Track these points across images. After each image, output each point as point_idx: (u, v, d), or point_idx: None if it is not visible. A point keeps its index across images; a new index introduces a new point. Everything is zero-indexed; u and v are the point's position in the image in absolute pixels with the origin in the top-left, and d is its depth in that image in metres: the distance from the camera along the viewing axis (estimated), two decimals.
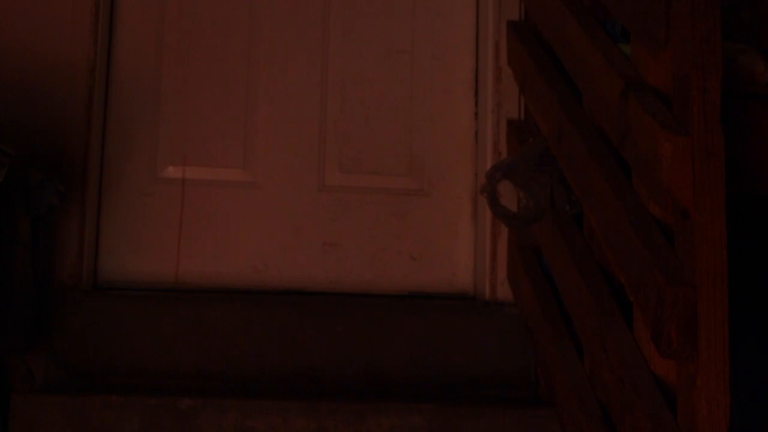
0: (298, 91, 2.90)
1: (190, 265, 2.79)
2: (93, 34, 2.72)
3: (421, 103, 2.92)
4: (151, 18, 2.90)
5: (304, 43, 2.92)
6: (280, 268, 2.83)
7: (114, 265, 2.77)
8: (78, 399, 2.34)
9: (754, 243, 2.34)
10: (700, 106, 1.71)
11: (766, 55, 2.20)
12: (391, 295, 2.79)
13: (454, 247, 2.85)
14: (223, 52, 2.90)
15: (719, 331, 1.64)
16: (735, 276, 1.69)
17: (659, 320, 1.67)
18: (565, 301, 2.23)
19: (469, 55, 2.92)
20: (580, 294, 2.12)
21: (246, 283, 2.79)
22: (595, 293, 2.04)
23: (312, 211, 2.85)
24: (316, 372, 2.58)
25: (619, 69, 1.97)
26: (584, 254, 2.17)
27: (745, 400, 2.24)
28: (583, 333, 2.10)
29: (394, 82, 2.92)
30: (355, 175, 2.88)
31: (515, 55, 2.73)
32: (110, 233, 2.78)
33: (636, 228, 1.82)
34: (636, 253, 1.79)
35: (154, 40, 2.90)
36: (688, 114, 1.73)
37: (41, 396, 2.40)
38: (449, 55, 2.94)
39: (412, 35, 2.93)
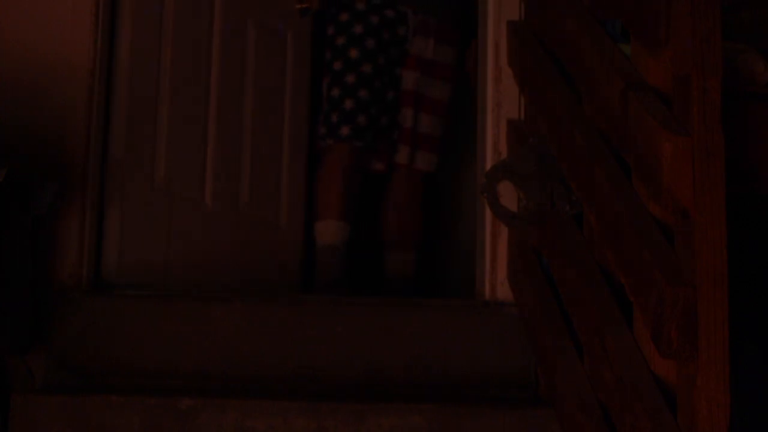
0: (230, 134, 3.22)
1: (176, 269, 2.96)
2: (93, 34, 2.72)
3: (282, 158, 3.43)
4: (151, 25, 2.95)
5: (236, 102, 3.25)
6: (222, 278, 3.10)
7: (114, 265, 2.77)
8: (78, 399, 2.34)
9: (754, 243, 2.35)
10: (700, 106, 1.71)
11: (766, 55, 2.20)
12: None
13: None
14: (192, 81, 3.12)
15: (719, 331, 1.64)
16: (735, 276, 1.69)
17: (659, 320, 1.68)
18: (565, 301, 2.23)
19: (306, 123, 3.53)
20: (580, 294, 2.12)
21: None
22: (595, 293, 2.05)
23: (231, 229, 3.19)
24: (316, 372, 2.58)
25: (619, 69, 1.97)
26: (584, 254, 2.17)
27: (745, 400, 2.24)
28: (583, 333, 2.10)
29: (272, 137, 3.40)
30: (250, 207, 3.29)
31: (515, 55, 2.73)
32: (111, 234, 2.78)
33: (636, 228, 1.82)
34: (636, 253, 1.79)
35: (156, 45, 2.97)
36: (688, 114, 1.73)
37: (41, 396, 2.40)
38: (298, 123, 3.50)
39: (283, 98, 3.46)
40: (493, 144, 2.79)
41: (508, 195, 2.55)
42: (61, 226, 2.63)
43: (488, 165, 2.74)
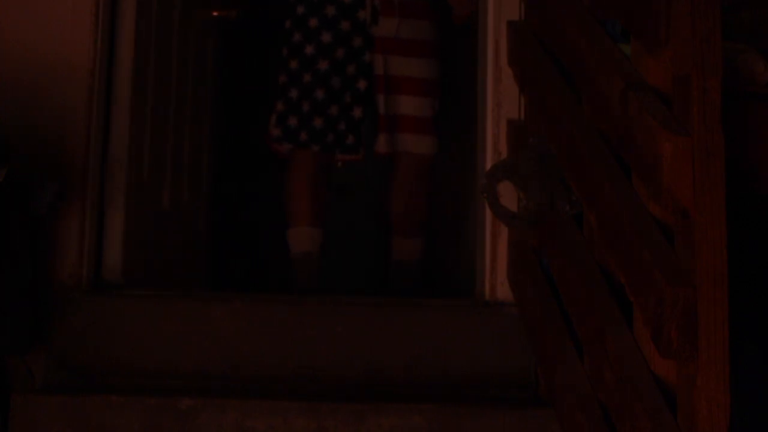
0: (177, 137, 3.28)
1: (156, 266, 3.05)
2: (93, 34, 2.72)
3: (202, 162, 3.56)
4: (150, 25, 2.98)
5: (182, 106, 3.34)
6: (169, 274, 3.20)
7: (114, 265, 2.78)
8: (78, 399, 2.34)
9: (754, 243, 2.34)
10: (700, 106, 1.71)
11: (766, 55, 2.20)
12: None
13: None
14: (163, 85, 3.18)
15: (719, 331, 1.64)
16: (735, 276, 1.69)
17: (659, 320, 1.68)
18: (565, 301, 2.23)
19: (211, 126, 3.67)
20: (580, 294, 2.12)
21: None
22: (595, 293, 2.05)
23: (175, 229, 3.29)
24: (316, 372, 2.58)
25: (619, 69, 1.97)
26: (584, 254, 2.17)
27: (745, 400, 2.24)
28: (583, 333, 2.10)
29: (197, 142, 3.50)
30: (186, 209, 3.41)
31: (515, 55, 2.73)
32: (111, 234, 2.79)
33: (636, 228, 1.82)
34: (636, 253, 1.79)
35: (153, 46, 3.01)
36: (688, 114, 1.73)
37: (41, 396, 2.40)
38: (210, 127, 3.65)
39: (205, 103, 3.59)
40: (493, 144, 2.78)
41: (508, 195, 2.55)
42: (61, 226, 2.63)
43: (488, 165, 2.73)
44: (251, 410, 2.33)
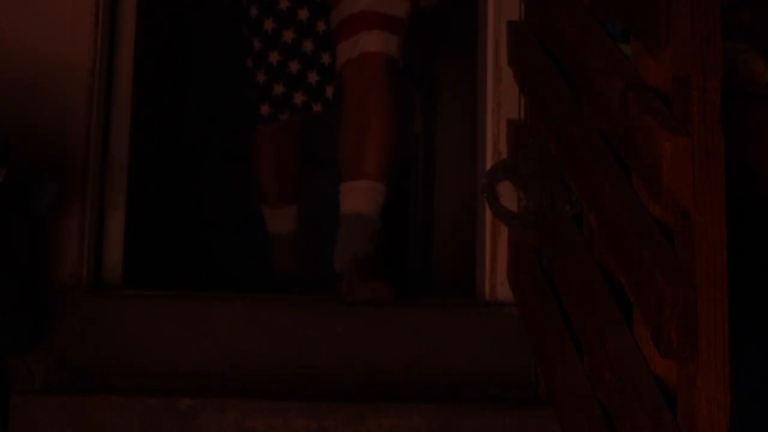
0: None
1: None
2: (93, 34, 2.72)
3: None
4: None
5: None
6: None
7: (114, 265, 2.78)
8: (78, 399, 2.34)
9: (754, 243, 2.35)
10: (700, 106, 1.71)
11: (766, 55, 2.21)
12: None
13: None
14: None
15: (719, 331, 1.64)
16: (735, 276, 1.69)
17: (659, 320, 1.68)
18: (565, 301, 2.23)
19: None
20: (580, 294, 2.12)
21: None
22: (595, 293, 2.05)
23: None
24: (316, 372, 2.58)
25: (619, 69, 1.98)
26: (584, 254, 2.17)
27: (745, 400, 2.24)
28: (583, 333, 2.10)
29: None
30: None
31: (515, 55, 2.73)
32: (112, 234, 2.79)
33: (636, 228, 1.82)
34: (636, 253, 1.79)
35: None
36: (688, 114, 1.73)
37: (41, 396, 2.40)
38: None
39: None
40: (493, 144, 2.78)
41: (508, 195, 2.55)
42: (61, 226, 2.63)
43: (488, 165, 2.74)
44: (251, 410, 2.33)
